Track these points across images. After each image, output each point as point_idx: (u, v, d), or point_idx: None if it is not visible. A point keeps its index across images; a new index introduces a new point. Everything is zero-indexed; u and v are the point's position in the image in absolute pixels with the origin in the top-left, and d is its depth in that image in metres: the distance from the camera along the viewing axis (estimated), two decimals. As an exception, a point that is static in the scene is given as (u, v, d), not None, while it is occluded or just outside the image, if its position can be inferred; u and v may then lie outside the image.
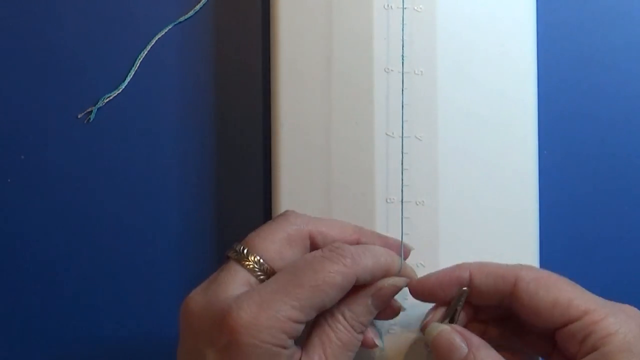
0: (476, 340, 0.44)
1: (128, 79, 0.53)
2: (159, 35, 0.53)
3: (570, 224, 0.53)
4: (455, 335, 0.44)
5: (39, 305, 0.53)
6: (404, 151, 0.49)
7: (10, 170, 0.53)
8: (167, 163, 0.53)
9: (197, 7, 0.53)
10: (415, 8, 0.49)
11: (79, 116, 0.53)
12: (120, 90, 0.53)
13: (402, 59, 0.48)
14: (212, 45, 0.53)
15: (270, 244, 0.44)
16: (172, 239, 0.53)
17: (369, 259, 0.44)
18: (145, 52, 0.53)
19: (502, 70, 0.49)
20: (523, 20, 0.50)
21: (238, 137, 0.53)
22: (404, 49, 0.49)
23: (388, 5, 0.49)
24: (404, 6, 0.49)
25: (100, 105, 0.53)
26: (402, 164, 0.48)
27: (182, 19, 0.53)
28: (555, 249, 0.52)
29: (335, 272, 0.42)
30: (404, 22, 0.49)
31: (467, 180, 0.49)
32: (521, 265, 0.45)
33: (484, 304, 0.45)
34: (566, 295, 0.43)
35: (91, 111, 0.53)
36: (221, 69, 0.53)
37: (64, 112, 0.53)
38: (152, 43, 0.53)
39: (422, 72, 0.49)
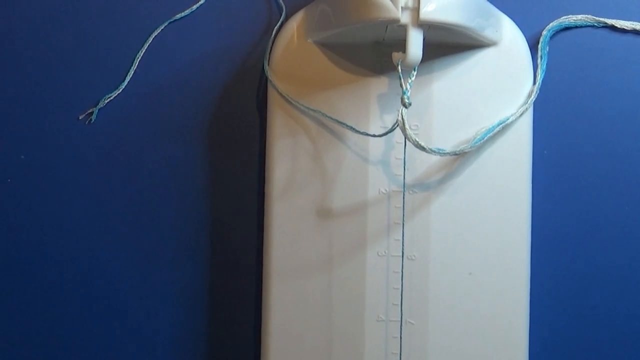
0: None
1: (127, 78, 0.53)
2: (155, 33, 0.53)
3: (570, 224, 0.53)
4: None
5: (38, 305, 0.53)
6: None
7: (10, 170, 0.53)
8: (167, 163, 0.53)
9: (195, 6, 0.53)
10: None
11: (80, 117, 0.53)
12: (121, 90, 0.53)
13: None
14: (211, 44, 0.53)
15: None
16: (172, 239, 0.53)
17: None
18: (143, 51, 0.53)
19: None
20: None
21: (238, 135, 0.53)
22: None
23: None
24: None
25: (102, 105, 0.53)
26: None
27: (179, 16, 0.53)
28: (553, 251, 0.53)
29: None
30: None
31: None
32: None
33: None
34: None
35: (92, 112, 0.53)
36: (220, 67, 0.53)
37: (65, 113, 0.53)
38: (150, 41, 0.53)
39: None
